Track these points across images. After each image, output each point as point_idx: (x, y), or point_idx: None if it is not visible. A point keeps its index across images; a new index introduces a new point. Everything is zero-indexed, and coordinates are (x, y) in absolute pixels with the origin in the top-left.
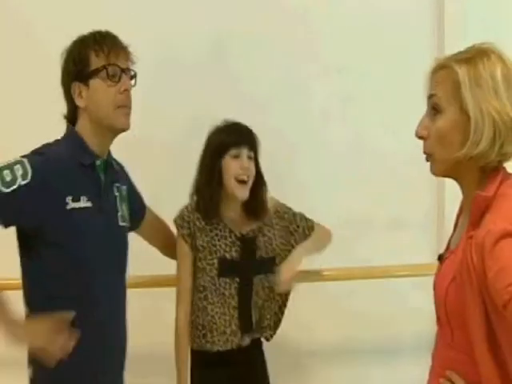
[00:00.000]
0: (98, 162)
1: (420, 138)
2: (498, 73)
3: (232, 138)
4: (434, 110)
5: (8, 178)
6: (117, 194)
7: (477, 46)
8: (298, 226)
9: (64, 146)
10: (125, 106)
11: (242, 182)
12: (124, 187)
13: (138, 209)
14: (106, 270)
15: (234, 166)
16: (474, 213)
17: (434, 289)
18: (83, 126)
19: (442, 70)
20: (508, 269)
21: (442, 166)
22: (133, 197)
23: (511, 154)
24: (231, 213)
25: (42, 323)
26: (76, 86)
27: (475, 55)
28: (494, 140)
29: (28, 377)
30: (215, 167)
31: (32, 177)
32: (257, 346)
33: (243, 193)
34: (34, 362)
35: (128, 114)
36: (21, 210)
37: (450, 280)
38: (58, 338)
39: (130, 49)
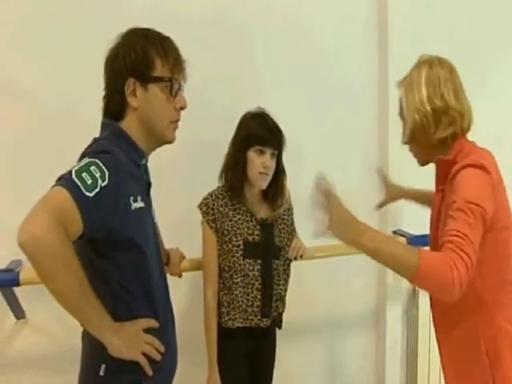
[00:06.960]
0: (143, 161)
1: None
2: (423, 75)
3: (260, 133)
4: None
5: (89, 182)
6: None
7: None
8: (293, 229)
9: (116, 144)
10: (177, 121)
11: (263, 174)
12: None
13: None
14: (159, 265)
15: (257, 161)
16: (439, 173)
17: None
18: (131, 125)
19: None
20: (462, 189)
21: (416, 158)
22: None
23: (442, 136)
24: (252, 197)
25: (132, 332)
26: (132, 83)
27: (411, 71)
28: (413, 131)
29: (94, 374)
30: (241, 155)
31: (109, 177)
32: (273, 328)
33: (263, 183)
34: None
35: (177, 128)
36: (102, 213)
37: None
38: (147, 347)
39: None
